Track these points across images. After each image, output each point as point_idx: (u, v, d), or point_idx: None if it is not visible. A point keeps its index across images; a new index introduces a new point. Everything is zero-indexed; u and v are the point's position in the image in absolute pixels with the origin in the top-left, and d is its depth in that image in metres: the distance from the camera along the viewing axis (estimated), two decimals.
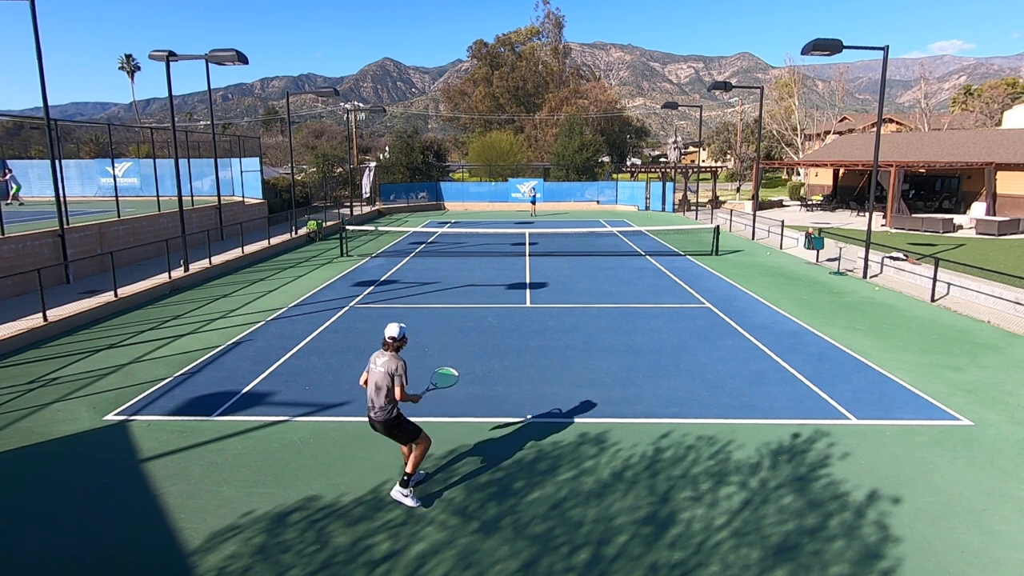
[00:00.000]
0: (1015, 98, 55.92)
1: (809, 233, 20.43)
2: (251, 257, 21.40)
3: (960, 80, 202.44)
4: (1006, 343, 11.45)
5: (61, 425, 8.01)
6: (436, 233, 28.47)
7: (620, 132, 75.37)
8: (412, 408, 7.05)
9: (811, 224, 26.09)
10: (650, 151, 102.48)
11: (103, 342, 11.64)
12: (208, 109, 30.46)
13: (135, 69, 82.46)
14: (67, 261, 16.06)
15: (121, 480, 6.66)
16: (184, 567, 5.22)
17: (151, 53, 16.39)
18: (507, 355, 10.71)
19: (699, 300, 14.93)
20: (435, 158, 50.15)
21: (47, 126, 15.24)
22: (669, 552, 5.37)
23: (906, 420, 8.04)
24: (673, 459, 7.00)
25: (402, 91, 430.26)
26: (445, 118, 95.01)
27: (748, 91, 73.40)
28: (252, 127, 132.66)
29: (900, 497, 6.21)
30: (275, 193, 34.24)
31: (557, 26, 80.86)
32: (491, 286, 16.58)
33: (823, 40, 16.12)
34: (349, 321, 13.13)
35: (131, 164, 31.10)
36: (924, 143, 39.01)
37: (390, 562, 5.27)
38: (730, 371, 9.88)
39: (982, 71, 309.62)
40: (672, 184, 40.95)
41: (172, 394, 9.03)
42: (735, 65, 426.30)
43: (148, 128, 35.03)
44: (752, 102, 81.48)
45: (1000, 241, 23.95)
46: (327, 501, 6.19)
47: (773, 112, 61.03)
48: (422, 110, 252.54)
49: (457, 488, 6.44)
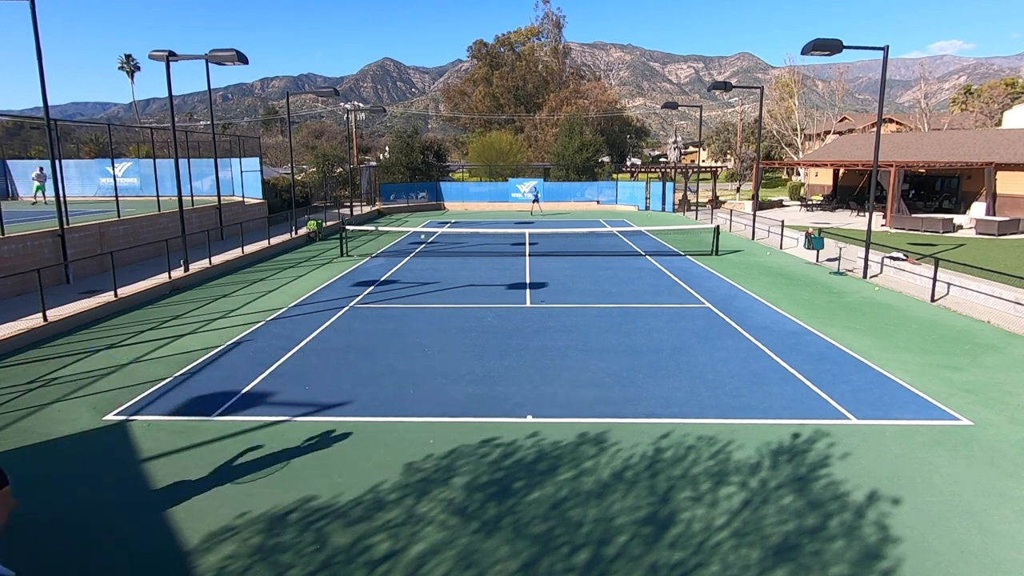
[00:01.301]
0: (1015, 98, 55.94)
1: (809, 233, 20.43)
2: (251, 257, 21.40)
3: (960, 80, 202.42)
4: (1006, 343, 11.44)
5: (61, 425, 8.01)
6: (436, 233, 28.47)
7: (620, 132, 75.35)
8: (417, 407, 7.00)
9: (811, 224, 26.09)
10: (650, 151, 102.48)
11: (103, 342, 11.64)
12: (208, 109, 30.46)
13: (135, 69, 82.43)
14: (67, 261, 16.06)
15: (121, 480, 6.65)
16: (183, 567, 5.22)
17: (151, 53, 16.38)
18: (507, 355, 10.71)
19: (699, 300, 14.93)
20: (435, 158, 50.14)
21: (47, 126, 15.24)
22: (669, 552, 5.37)
23: (906, 420, 8.04)
24: (673, 459, 7.00)
25: (402, 91, 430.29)
26: (445, 118, 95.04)
27: (748, 91, 73.43)
28: (252, 127, 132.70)
29: (900, 497, 6.21)
30: (275, 193, 34.23)
31: (557, 26, 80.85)
32: (491, 286, 16.58)
33: (823, 40, 16.11)
34: (349, 321, 13.12)
35: (131, 164, 31.08)
36: (924, 143, 39.01)
37: (390, 562, 5.27)
38: (730, 371, 9.88)
39: (982, 71, 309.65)
40: (672, 184, 40.95)
41: (172, 394, 9.03)
42: (735, 65, 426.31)
43: (148, 128, 35.04)
44: (752, 102, 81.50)
45: (1000, 241, 23.95)
46: (326, 501, 6.19)
47: (773, 112, 61.03)
48: (422, 110, 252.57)
49: (457, 488, 6.44)
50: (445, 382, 9.44)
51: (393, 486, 6.47)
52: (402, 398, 8.81)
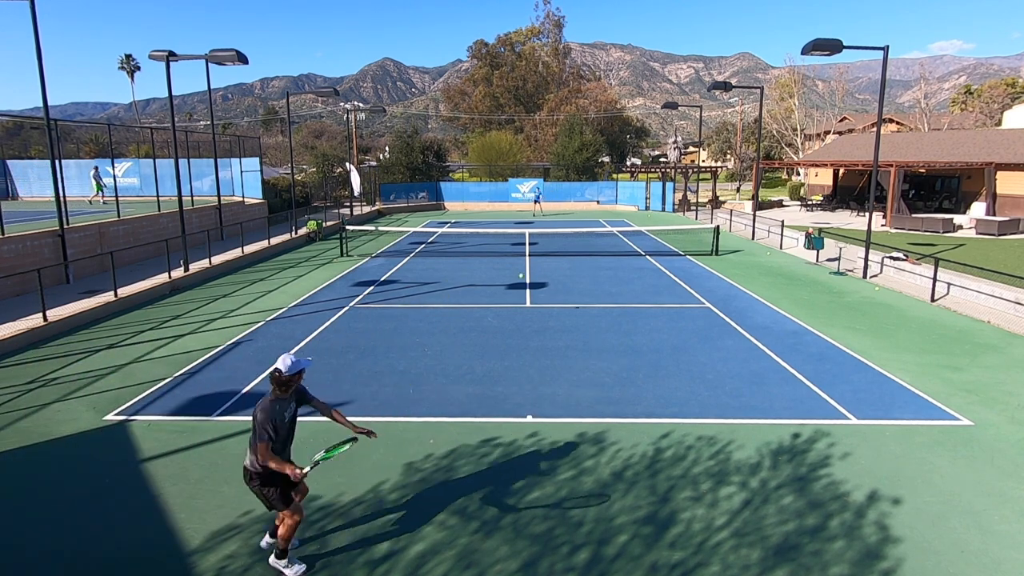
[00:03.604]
0: (1015, 98, 55.91)
1: (809, 233, 20.43)
2: (251, 257, 21.40)
3: (960, 80, 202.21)
4: (1006, 343, 11.44)
5: (61, 425, 8.01)
6: (436, 233, 28.47)
7: (620, 132, 75.37)
8: (417, 407, 7.00)
9: (811, 224, 26.09)
10: (650, 151, 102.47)
11: (103, 342, 11.64)
12: (208, 109, 30.46)
13: (135, 69, 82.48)
14: (67, 261, 16.05)
15: (121, 480, 6.65)
16: (184, 566, 5.22)
17: (151, 53, 16.38)
18: (507, 355, 10.71)
19: (699, 300, 14.93)
20: (435, 158, 50.13)
21: (47, 126, 15.24)
22: (669, 552, 5.37)
23: (906, 420, 8.04)
24: (673, 459, 7.00)
25: (402, 91, 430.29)
26: (445, 118, 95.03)
27: (748, 91, 73.35)
28: (252, 127, 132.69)
29: (900, 497, 6.21)
30: (275, 193, 34.22)
31: (557, 26, 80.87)
32: (491, 286, 16.58)
33: (823, 40, 16.11)
34: (349, 321, 13.12)
35: (131, 164, 31.07)
36: (924, 143, 39.01)
37: (390, 562, 5.27)
38: (730, 371, 9.88)
39: (982, 71, 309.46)
40: (672, 184, 40.95)
41: (172, 394, 9.03)
42: (735, 65, 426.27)
43: (148, 128, 35.02)
44: (752, 102, 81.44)
45: (1000, 241, 23.95)
46: (327, 501, 6.19)
47: (773, 112, 61.00)
48: (422, 110, 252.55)
49: (457, 488, 6.43)
50: (445, 382, 9.44)
51: (393, 486, 6.47)
52: (402, 398, 8.81)
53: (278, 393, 4.92)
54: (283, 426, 4.91)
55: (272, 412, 4.82)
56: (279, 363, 4.93)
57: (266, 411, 4.80)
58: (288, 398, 4.98)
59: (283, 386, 4.90)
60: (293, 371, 4.91)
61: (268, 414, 4.79)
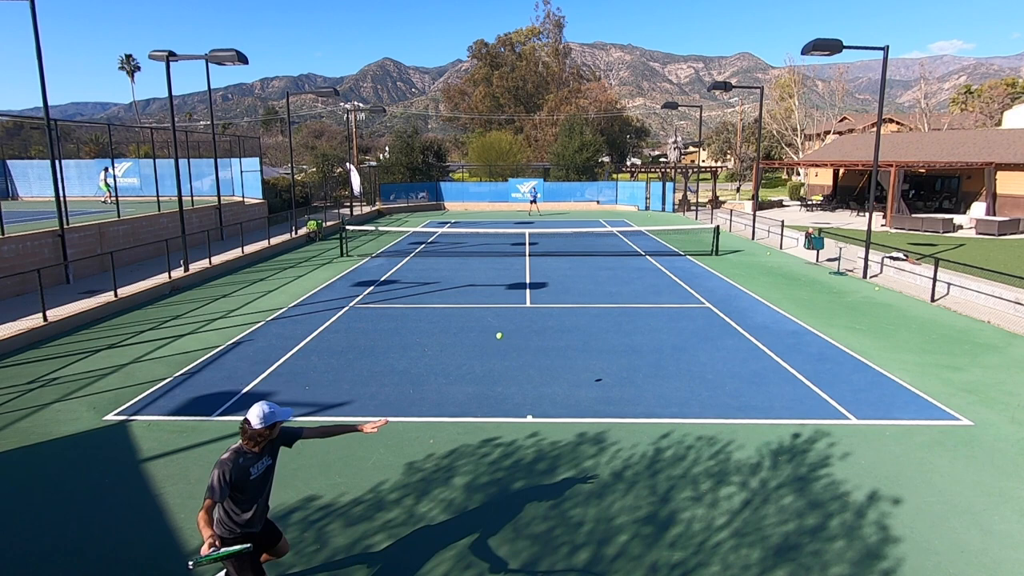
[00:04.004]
0: (1015, 98, 55.93)
1: (809, 233, 20.43)
2: (251, 257, 21.40)
3: (960, 80, 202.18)
4: (1006, 343, 11.44)
5: (61, 425, 8.01)
6: (436, 233, 28.47)
7: (620, 132, 75.35)
8: (417, 407, 6.96)
9: (811, 224, 26.09)
10: (650, 151, 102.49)
11: (103, 342, 11.64)
12: (208, 109, 30.45)
13: (135, 69, 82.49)
14: (67, 261, 16.05)
15: (121, 480, 6.65)
16: (183, 567, 5.21)
17: (151, 53, 16.39)
18: (507, 355, 10.71)
19: (699, 300, 14.93)
20: (435, 158, 50.14)
21: (47, 126, 15.24)
22: (669, 552, 5.37)
23: (906, 420, 8.04)
24: (673, 459, 7.00)
25: (402, 91, 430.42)
26: (445, 118, 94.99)
27: (748, 91, 73.34)
28: (252, 127, 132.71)
29: (900, 497, 6.21)
30: (275, 193, 34.22)
31: (557, 26, 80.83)
32: (491, 286, 16.58)
33: (823, 40, 16.12)
34: (349, 321, 13.12)
35: (131, 164, 31.07)
36: (924, 143, 39.01)
37: (390, 562, 5.27)
38: (730, 371, 9.87)
39: (982, 71, 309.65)
40: (672, 184, 40.94)
41: (172, 394, 9.03)
42: (735, 65, 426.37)
43: (148, 128, 35.05)
44: (752, 102, 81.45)
45: (1000, 241, 23.95)
46: (327, 501, 6.19)
47: (773, 112, 61.01)
48: (422, 110, 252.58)
49: (457, 488, 6.44)
50: (445, 382, 9.44)
51: (393, 486, 6.47)
52: (402, 398, 8.81)
53: (248, 446, 4.12)
54: (250, 484, 4.12)
55: (234, 468, 3.99)
56: (251, 413, 4.09)
57: (225, 466, 3.99)
58: (260, 453, 4.18)
59: (252, 440, 4.10)
60: (267, 423, 4.09)
61: (226, 470, 3.98)
